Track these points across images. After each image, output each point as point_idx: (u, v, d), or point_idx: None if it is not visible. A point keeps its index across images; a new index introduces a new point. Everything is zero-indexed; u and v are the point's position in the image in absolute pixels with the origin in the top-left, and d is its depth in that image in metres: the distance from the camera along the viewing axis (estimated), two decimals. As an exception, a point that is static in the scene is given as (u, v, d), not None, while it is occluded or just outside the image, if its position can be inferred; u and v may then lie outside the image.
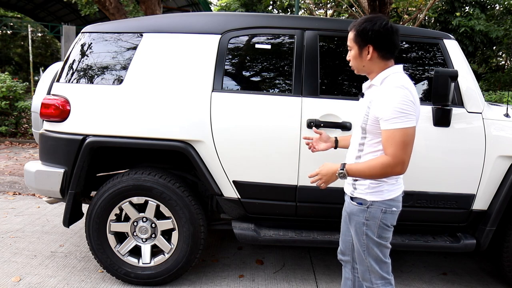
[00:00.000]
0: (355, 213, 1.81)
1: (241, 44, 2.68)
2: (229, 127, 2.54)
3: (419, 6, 11.62)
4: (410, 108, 1.62)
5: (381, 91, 1.70)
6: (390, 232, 1.82)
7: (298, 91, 2.57)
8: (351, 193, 1.86)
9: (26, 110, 8.22)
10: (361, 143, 1.80)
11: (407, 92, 1.64)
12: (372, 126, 1.72)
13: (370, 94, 1.77)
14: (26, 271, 2.91)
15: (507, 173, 2.55)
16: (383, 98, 1.67)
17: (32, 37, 19.12)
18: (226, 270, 3.06)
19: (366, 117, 1.74)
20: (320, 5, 17.81)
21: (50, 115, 2.66)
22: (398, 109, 1.61)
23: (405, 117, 1.61)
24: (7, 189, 5.06)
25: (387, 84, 1.70)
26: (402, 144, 1.62)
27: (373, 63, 1.76)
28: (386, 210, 1.77)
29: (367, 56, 1.74)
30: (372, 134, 1.74)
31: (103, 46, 2.75)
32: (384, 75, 1.74)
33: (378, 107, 1.68)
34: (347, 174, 1.72)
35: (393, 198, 1.77)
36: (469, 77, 2.60)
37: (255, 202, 2.63)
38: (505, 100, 7.64)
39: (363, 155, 1.79)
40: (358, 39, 1.74)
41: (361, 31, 1.72)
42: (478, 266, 3.31)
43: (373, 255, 1.82)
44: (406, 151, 1.63)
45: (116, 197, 2.64)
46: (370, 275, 1.85)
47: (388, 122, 1.64)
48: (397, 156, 1.63)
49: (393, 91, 1.65)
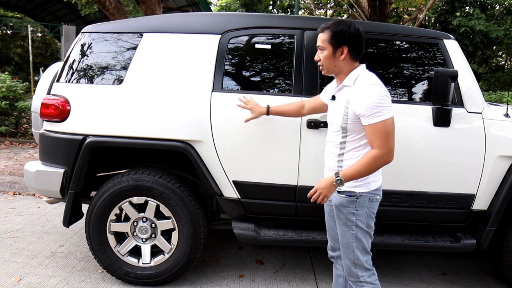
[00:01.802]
0: (345, 204, 1.90)
1: (241, 44, 2.68)
2: (229, 127, 2.54)
3: (419, 6, 11.62)
4: (386, 101, 1.77)
5: (356, 90, 1.82)
6: (373, 220, 1.95)
7: (298, 91, 2.57)
8: (338, 188, 1.92)
9: (26, 110, 8.22)
10: (342, 142, 1.91)
11: (380, 88, 1.79)
12: (353, 124, 1.84)
13: (345, 95, 1.88)
14: (26, 271, 2.91)
15: (507, 173, 2.55)
16: (360, 97, 1.79)
17: (32, 37, 19.12)
18: (226, 270, 3.06)
19: (345, 117, 1.85)
20: (320, 5, 17.81)
21: (50, 115, 2.66)
22: (377, 104, 1.75)
23: (384, 109, 1.76)
24: (7, 189, 5.06)
25: (360, 83, 1.83)
26: (386, 134, 1.76)
27: (344, 64, 1.88)
28: (372, 199, 1.90)
29: (341, 56, 1.86)
30: (354, 131, 1.86)
31: (103, 46, 2.75)
32: (355, 75, 1.86)
33: (357, 105, 1.79)
34: (344, 180, 1.82)
35: (377, 188, 1.92)
36: (469, 77, 2.60)
37: (255, 202, 2.63)
38: (505, 100, 7.64)
39: (345, 152, 1.91)
40: (333, 40, 1.85)
41: (337, 33, 1.84)
42: (478, 266, 3.31)
43: (361, 246, 1.92)
44: (390, 140, 1.78)
45: (116, 197, 2.64)
46: (356, 269, 1.94)
47: (370, 118, 1.76)
48: (384, 146, 1.77)
49: (368, 88, 1.79)
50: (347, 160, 1.90)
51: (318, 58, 1.92)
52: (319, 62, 1.93)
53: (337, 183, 1.82)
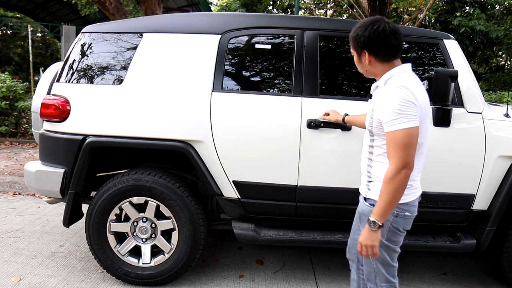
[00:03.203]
0: (366, 214, 1.77)
1: (241, 44, 2.68)
2: (229, 127, 2.54)
3: (419, 6, 11.62)
4: (409, 109, 1.59)
5: (383, 93, 1.69)
6: (401, 236, 1.79)
7: (298, 91, 2.57)
8: (365, 193, 1.85)
9: (26, 110, 8.22)
10: (370, 145, 1.81)
11: (407, 93, 1.60)
12: (377, 128, 1.72)
13: (375, 96, 1.77)
14: (26, 271, 2.91)
15: (507, 173, 2.55)
16: (383, 100, 1.66)
17: (32, 37, 19.11)
18: (226, 270, 3.06)
19: (371, 119, 1.75)
20: (320, 5, 17.81)
21: (50, 115, 2.66)
22: (397, 111, 1.59)
23: (404, 118, 1.58)
24: (7, 189, 5.06)
25: (389, 85, 1.69)
26: (403, 146, 1.59)
27: (373, 67, 1.76)
28: (398, 214, 1.73)
29: (366, 61, 1.76)
30: (379, 136, 1.74)
31: (103, 46, 2.75)
32: (387, 76, 1.73)
33: (380, 109, 1.67)
34: (378, 220, 1.64)
35: (407, 202, 1.74)
36: (469, 77, 2.60)
37: (255, 202, 2.63)
38: (505, 100, 7.64)
39: (374, 157, 1.79)
40: (354, 45, 1.77)
41: (354, 38, 1.75)
42: (478, 266, 3.31)
43: (380, 258, 1.79)
44: (408, 153, 1.60)
45: (116, 197, 2.64)
46: (375, 277, 1.84)
47: (388, 125, 1.62)
48: (399, 160, 1.60)
49: (393, 92, 1.63)
50: (376, 166, 1.78)
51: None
52: None
53: (373, 226, 1.64)
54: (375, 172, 1.78)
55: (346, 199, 2.57)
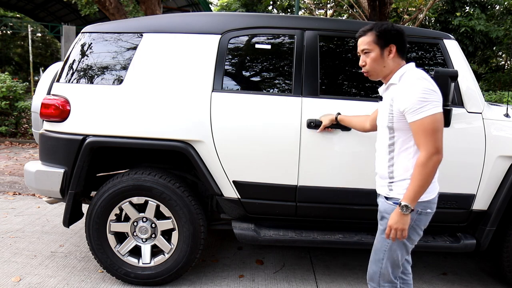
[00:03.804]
0: (389, 212, 1.79)
1: (241, 44, 2.68)
2: (229, 127, 2.54)
3: (419, 6, 11.62)
4: (432, 96, 1.66)
5: (401, 86, 1.74)
6: (419, 236, 1.84)
7: (298, 91, 2.57)
8: (386, 193, 1.85)
9: (26, 110, 8.22)
10: (390, 144, 1.82)
11: (427, 83, 1.69)
12: (399, 122, 1.75)
13: (390, 94, 1.81)
14: (26, 271, 2.91)
15: (507, 173, 2.55)
16: (405, 92, 1.71)
17: (32, 37, 19.12)
18: (226, 270, 3.06)
19: (391, 115, 1.77)
20: (320, 5, 17.81)
21: (50, 115, 2.66)
22: (421, 99, 1.65)
23: (429, 104, 1.65)
24: (7, 189, 5.06)
25: (406, 79, 1.75)
26: (432, 131, 1.65)
27: (393, 62, 1.82)
28: (421, 212, 1.78)
29: (389, 56, 1.80)
30: (401, 131, 1.77)
31: (103, 46, 2.75)
32: (401, 73, 1.79)
33: (401, 101, 1.71)
34: (410, 204, 1.68)
35: (429, 199, 1.78)
36: (469, 77, 2.60)
37: (255, 202, 2.63)
38: (505, 100, 7.64)
39: (395, 155, 1.80)
40: (380, 40, 1.80)
41: (383, 32, 1.79)
42: (478, 266, 3.31)
43: (392, 258, 1.83)
44: (437, 137, 1.66)
45: (116, 197, 2.64)
46: (380, 277, 1.86)
47: (414, 114, 1.67)
48: (430, 145, 1.66)
49: (414, 82, 1.70)
50: (398, 163, 1.79)
51: (364, 63, 1.84)
52: (365, 67, 1.84)
53: (405, 210, 1.68)
54: (398, 170, 1.79)
55: (346, 199, 2.57)
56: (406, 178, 1.77)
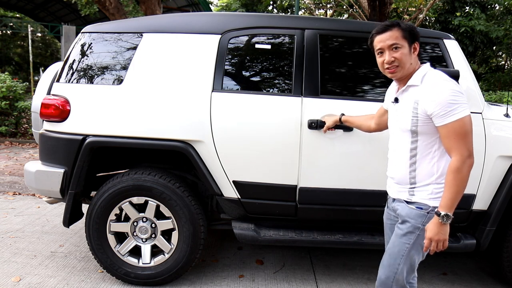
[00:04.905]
0: (412, 217, 1.75)
1: (241, 44, 2.68)
2: (229, 127, 2.54)
3: (419, 6, 11.62)
4: (461, 98, 1.62)
5: (427, 88, 1.68)
6: None
7: (298, 91, 2.57)
8: (408, 198, 1.80)
9: (26, 110, 8.21)
10: (412, 148, 1.75)
11: (453, 84, 1.65)
12: (424, 126, 1.69)
13: (412, 95, 1.73)
14: (26, 271, 2.91)
15: (507, 173, 2.55)
16: (432, 94, 1.64)
17: (32, 37, 19.12)
18: (226, 270, 3.06)
19: (415, 119, 1.70)
20: (320, 5, 17.81)
21: (50, 115, 2.66)
22: (451, 101, 1.60)
23: (460, 107, 1.60)
24: (7, 189, 5.06)
25: (430, 80, 1.69)
26: (463, 134, 1.61)
27: (415, 61, 1.77)
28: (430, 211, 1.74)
29: (414, 53, 1.75)
30: (425, 135, 1.71)
31: (103, 46, 2.75)
32: (421, 73, 1.74)
33: (429, 103, 1.64)
34: (449, 213, 1.63)
35: None
36: (469, 77, 2.60)
37: (255, 202, 2.63)
38: (505, 100, 7.64)
39: (418, 160, 1.75)
40: (409, 36, 1.73)
41: (409, 29, 1.74)
42: (478, 266, 3.31)
43: (409, 263, 1.79)
44: (469, 140, 1.63)
45: (116, 197, 2.64)
46: (393, 282, 1.81)
47: (444, 117, 1.61)
48: (463, 149, 1.62)
49: (441, 84, 1.65)
50: (422, 167, 1.74)
51: (393, 58, 1.72)
52: (395, 61, 1.72)
53: (446, 220, 1.64)
54: (421, 174, 1.74)
55: (346, 200, 2.57)
56: (430, 183, 1.73)
